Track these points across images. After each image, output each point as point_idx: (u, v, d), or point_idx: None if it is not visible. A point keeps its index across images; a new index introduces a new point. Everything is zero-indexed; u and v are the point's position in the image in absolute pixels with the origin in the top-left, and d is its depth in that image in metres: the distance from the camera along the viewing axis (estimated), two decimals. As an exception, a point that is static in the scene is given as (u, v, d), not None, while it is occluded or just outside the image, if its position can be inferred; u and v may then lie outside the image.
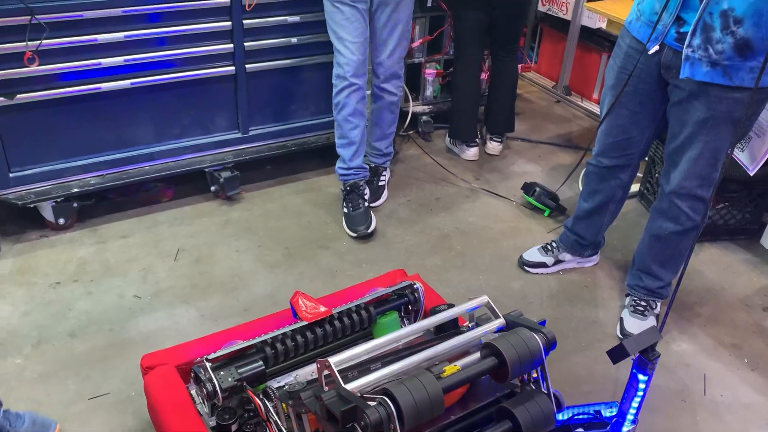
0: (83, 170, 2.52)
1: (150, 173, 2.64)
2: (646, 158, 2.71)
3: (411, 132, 3.43)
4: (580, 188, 3.01)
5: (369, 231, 2.62)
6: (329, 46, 2.58)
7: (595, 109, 3.71)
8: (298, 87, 2.89)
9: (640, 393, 1.24)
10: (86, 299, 2.22)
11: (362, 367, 1.35)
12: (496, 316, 1.41)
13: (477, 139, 3.27)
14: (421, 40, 3.23)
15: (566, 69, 3.83)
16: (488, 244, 2.65)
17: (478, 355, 1.29)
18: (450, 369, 1.21)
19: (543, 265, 2.50)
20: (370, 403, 1.11)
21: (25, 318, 2.13)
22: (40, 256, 2.40)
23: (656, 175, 2.76)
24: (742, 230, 2.71)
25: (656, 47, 1.88)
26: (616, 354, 1.17)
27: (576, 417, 1.38)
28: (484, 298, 1.43)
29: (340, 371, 1.20)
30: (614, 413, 1.31)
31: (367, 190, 2.77)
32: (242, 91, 2.74)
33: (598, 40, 3.63)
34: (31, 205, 2.42)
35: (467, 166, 3.21)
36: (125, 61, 2.42)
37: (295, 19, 2.69)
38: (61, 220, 2.50)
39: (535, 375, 1.30)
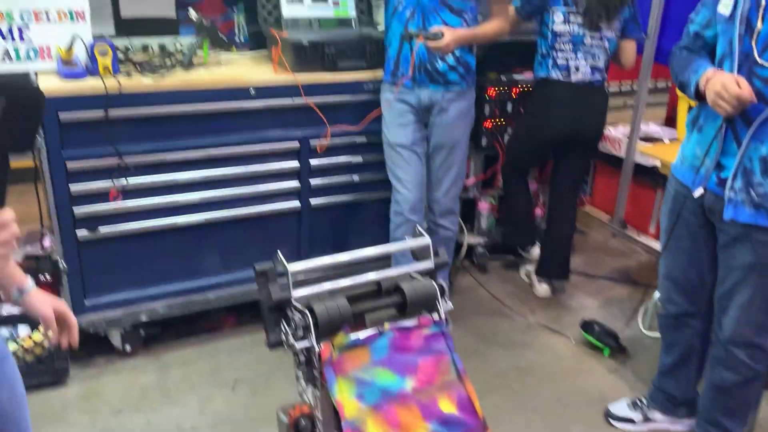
0: (153, 299, 2.64)
1: (215, 302, 2.74)
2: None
3: (466, 263, 3.48)
4: (641, 327, 2.96)
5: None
6: (388, 184, 2.72)
7: (653, 243, 3.69)
8: (357, 221, 3.01)
9: None
10: (146, 429, 2.26)
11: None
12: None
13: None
14: (475, 178, 3.35)
15: (621, 203, 3.86)
16: (546, 384, 2.59)
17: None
18: None
19: (630, 420, 2.37)
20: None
21: (86, 446, 2.17)
22: (105, 383, 2.47)
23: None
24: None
25: (701, 190, 1.91)
26: None
27: None
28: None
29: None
30: None
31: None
32: (305, 224, 2.87)
33: (652, 176, 3.68)
34: (102, 333, 2.53)
35: (524, 299, 3.21)
36: (201, 198, 2.60)
37: (358, 159, 2.86)
38: (128, 347, 2.59)
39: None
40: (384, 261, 1.82)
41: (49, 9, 2.38)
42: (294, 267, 1.48)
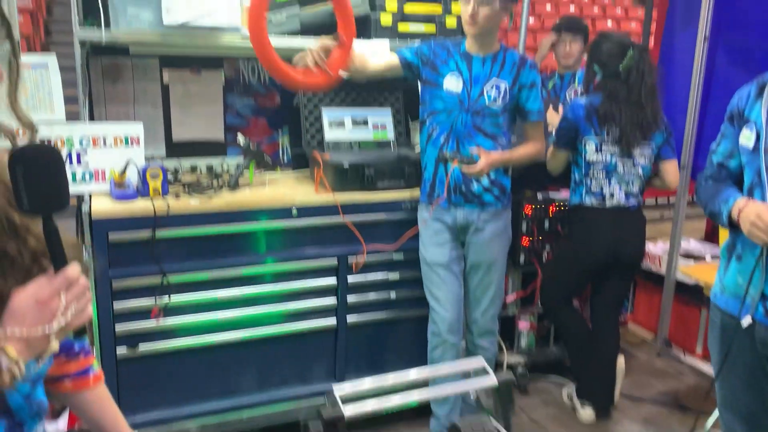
0: (186, 418, 2.60)
1: (248, 423, 2.69)
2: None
3: (505, 383, 3.36)
4: (694, 458, 2.78)
5: (464, 497, 2.48)
6: (425, 301, 2.71)
7: (700, 365, 3.55)
8: (394, 339, 2.97)
9: None
10: None
11: None
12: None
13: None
14: (514, 296, 3.31)
15: (665, 321, 3.75)
16: None
17: None
18: None
19: None
20: None
21: None
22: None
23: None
24: None
25: (749, 319, 1.83)
26: None
27: None
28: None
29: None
30: None
31: (461, 450, 2.67)
32: (341, 342, 2.84)
33: (696, 294, 3.59)
34: (134, 453, 2.48)
35: (567, 424, 3.07)
36: (239, 316, 2.62)
37: (395, 276, 2.87)
38: (158, 467, 2.53)
39: None
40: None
41: (107, 135, 2.53)
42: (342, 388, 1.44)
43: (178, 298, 2.50)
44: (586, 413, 3.08)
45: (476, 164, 2.43)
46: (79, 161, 2.51)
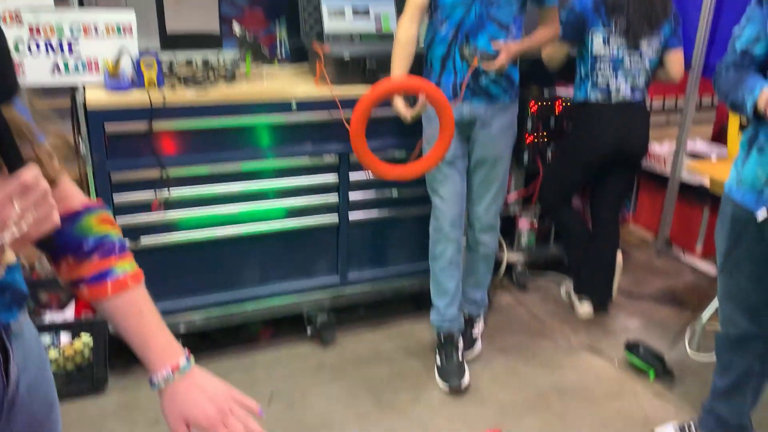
0: (191, 310, 2.65)
1: (252, 315, 2.74)
2: None
3: (506, 281, 3.41)
4: (688, 350, 2.85)
5: (462, 385, 2.56)
6: (427, 199, 2.69)
7: (699, 264, 3.58)
8: (396, 235, 2.98)
9: None
10: (181, 440, 2.25)
11: None
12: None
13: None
14: (516, 195, 3.30)
15: (666, 222, 3.76)
16: (588, 407, 2.51)
17: None
18: None
19: None
20: None
21: (123, 456, 2.17)
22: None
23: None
24: None
25: (765, 212, 1.82)
26: None
27: None
28: None
29: None
30: None
31: (461, 341, 2.74)
32: (343, 239, 2.85)
33: (699, 194, 3.58)
34: (141, 342, 2.54)
35: (565, 319, 3.13)
36: (240, 210, 2.61)
37: (398, 173, 2.84)
38: (166, 358, 2.60)
39: None
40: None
41: (98, 23, 2.43)
42: None
43: (178, 192, 2.48)
44: (584, 308, 3.14)
45: (496, 59, 2.35)
46: (71, 51, 2.42)
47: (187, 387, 0.99)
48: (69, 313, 2.52)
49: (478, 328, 2.89)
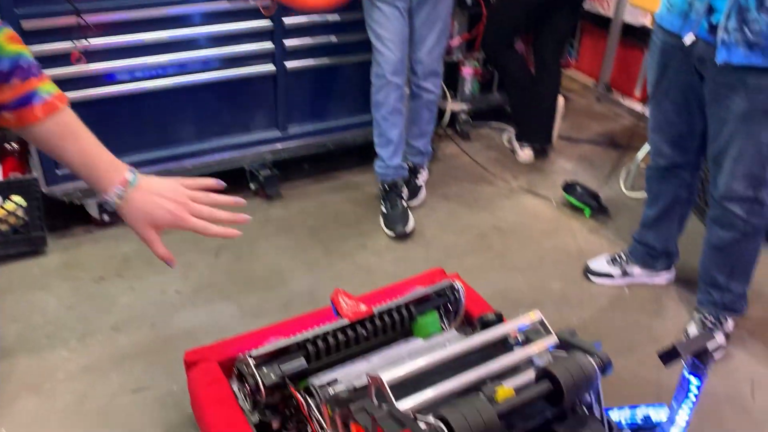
0: (127, 168, 2.56)
1: (191, 171, 2.67)
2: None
3: (449, 130, 3.41)
4: (622, 188, 2.97)
5: (407, 231, 2.61)
6: (368, 44, 2.58)
7: (637, 107, 3.64)
8: (337, 85, 2.89)
9: (693, 398, 1.20)
10: (129, 294, 2.26)
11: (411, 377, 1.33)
12: (549, 333, 1.37)
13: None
14: (459, 38, 3.21)
15: (607, 66, 3.76)
16: (528, 245, 2.62)
17: (531, 376, 1.26)
18: (504, 392, 1.17)
19: (609, 275, 2.40)
20: (422, 425, 1.08)
21: (71, 312, 2.17)
22: (85, 252, 2.45)
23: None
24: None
25: (692, 36, 1.82)
26: (668, 356, 1.14)
27: (624, 420, 1.35)
28: (538, 315, 1.40)
29: (390, 385, 1.18)
30: (663, 418, 1.28)
31: (405, 190, 2.76)
32: (282, 89, 2.75)
33: (640, 37, 3.56)
34: (78, 202, 2.47)
35: (507, 165, 3.18)
36: (169, 60, 2.46)
37: (336, 17, 2.70)
38: (106, 217, 2.55)
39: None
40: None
41: None
42: (389, 376, 1.22)
43: (99, 41, 2.30)
44: (525, 154, 3.19)
45: None
46: None
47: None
48: (-4, 175, 2.40)
49: (423, 177, 2.91)
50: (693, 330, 2.13)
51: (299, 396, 1.53)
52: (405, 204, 2.70)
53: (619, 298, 2.35)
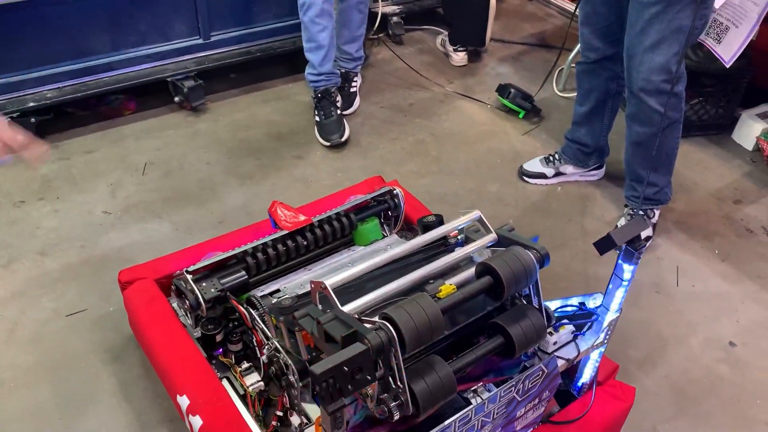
0: (39, 83, 2.38)
1: (110, 84, 2.51)
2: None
3: (381, 35, 3.30)
4: (555, 89, 2.98)
5: (342, 139, 2.56)
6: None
7: (569, 6, 3.61)
8: (260, -12, 2.73)
9: (625, 283, 1.25)
10: (54, 217, 2.15)
11: (354, 282, 1.33)
12: (488, 231, 1.38)
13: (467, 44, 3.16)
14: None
15: (539, -35, 3.68)
16: (463, 148, 2.62)
17: (472, 272, 1.27)
18: (446, 289, 1.18)
19: (542, 176, 2.43)
20: (368, 326, 1.08)
21: (-8, 239, 2.06)
22: (2, 175, 2.30)
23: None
24: (715, 125, 2.72)
25: None
26: (603, 245, 1.16)
27: (561, 309, 1.40)
28: (476, 213, 1.39)
29: (334, 290, 1.17)
30: (598, 304, 1.33)
31: (339, 97, 2.68)
32: (201, -7, 2.57)
33: (572, -67, 3.49)
34: (-15, 122, 2.29)
35: (441, 69, 3.13)
36: (72, -40, 2.24)
37: None
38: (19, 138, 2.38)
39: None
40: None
41: None
42: (332, 281, 1.20)
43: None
44: (459, 57, 3.14)
45: None
46: None
47: None
48: None
49: (356, 84, 2.83)
50: (623, 224, 2.21)
51: (241, 308, 1.51)
52: (339, 112, 2.63)
53: (552, 197, 2.40)
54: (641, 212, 2.20)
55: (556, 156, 2.45)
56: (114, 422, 1.58)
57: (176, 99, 2.67)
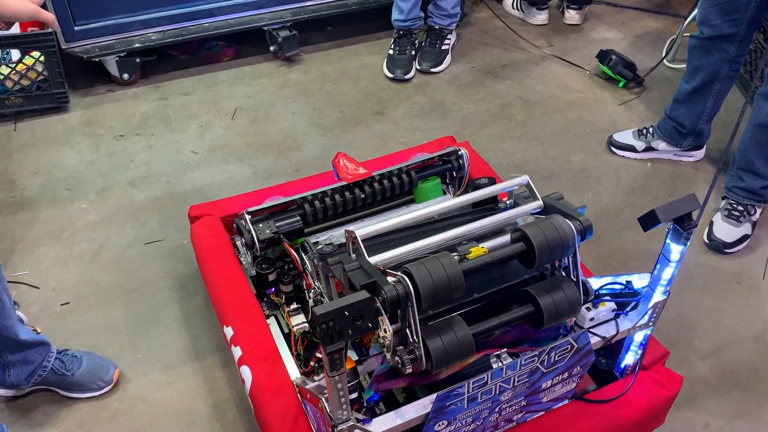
0: (145, 25, 2.53)
1: (209, 30, 2.62)
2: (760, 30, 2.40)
3: (483, -7, 3.21)
4: (663, 55, 2.77)
5: (406, 77, 2.60)
6: None
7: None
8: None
9: (673, 264, 1.17)
10: (147, 152, 2.31)
11: (393, 237, 1.33)
12: (535, 198, 1.33)
13: (548, 2, 3.02)
14: None
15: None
16: (552, 115, 2.52)
17: (507, 238, 1.24)
18: (476, 251, 1.16)
19: (632, 148, 2.29)
20: (390, 279, 1.09)
21: (91, 167, 2.24)
22: (106, 110, 2.48)
23: (761, 56, 2.45)
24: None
25: None
26: (648, 221, 1.09)
27: (607, 286, 1.33)
28: (524, 178, 1.34)
29: (367, 241, 1.19)
30: (645, 284, 1.25)
31: (416, 40, 2.69)
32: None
33: None
34: (96, 59, 2.47)
35: (542, 31, 3.00)
36: None
37: None
38: (125, 75, 2.55)
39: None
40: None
41: None
42: (363, 231, 1.21)
43: None
44: (572, 14, 3.04)
45: None
46: None
47: None
48: (15, 30, 2.40)
49: (449, 42, 2.78)
50: (718, 218, 2.03)
51: (292, 251, 1.57)
52: (414, 53, 2.66)
53: (639, 172, 2.26)
54: (740, 207, 2.01)
55: (650, 130, 2.29)
56: (173, 344, 1.70)
57: (271, 48, 2.75)
